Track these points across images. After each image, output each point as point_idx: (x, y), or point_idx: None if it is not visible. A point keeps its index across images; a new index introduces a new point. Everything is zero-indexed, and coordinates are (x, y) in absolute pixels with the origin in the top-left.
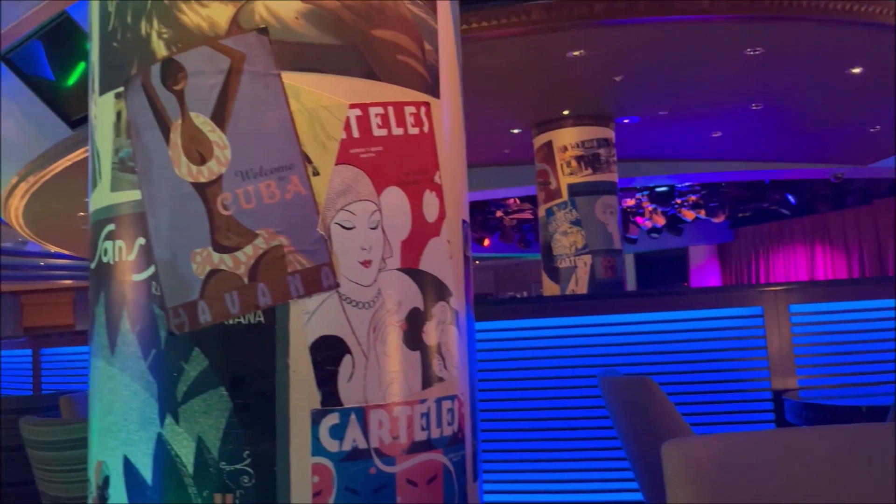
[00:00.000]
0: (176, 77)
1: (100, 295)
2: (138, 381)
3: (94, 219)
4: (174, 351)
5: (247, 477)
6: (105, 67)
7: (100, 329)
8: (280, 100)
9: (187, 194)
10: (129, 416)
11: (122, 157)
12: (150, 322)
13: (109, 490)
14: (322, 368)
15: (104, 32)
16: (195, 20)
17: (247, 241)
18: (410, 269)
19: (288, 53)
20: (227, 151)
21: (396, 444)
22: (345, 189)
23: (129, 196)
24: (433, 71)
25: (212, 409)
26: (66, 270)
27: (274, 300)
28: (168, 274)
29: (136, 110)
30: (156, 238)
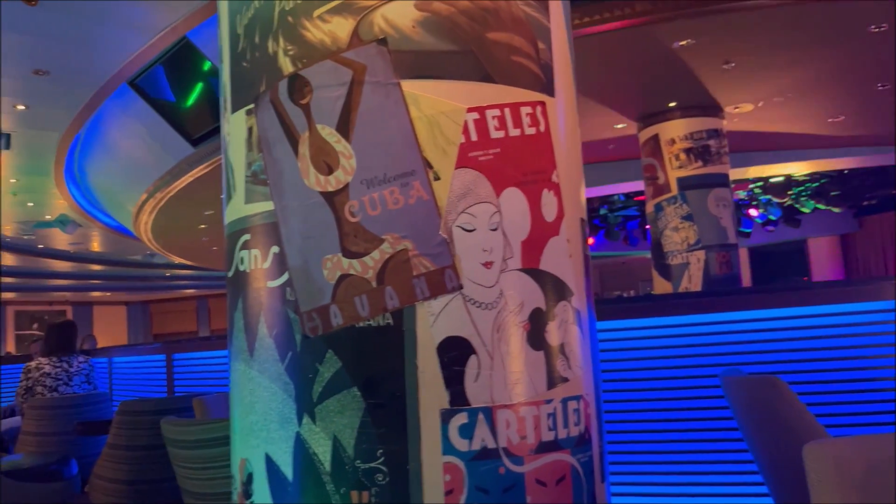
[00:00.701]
0: (302, 91)
1: (238, 301)
2: (276, 382)
3: (229, 230)
4: (309, 353)
5: (381, 475)
6: (236, 86)
7: (238, 334)
8: (400, 108)
9: (317, 203)
10: (269, 415)
11: (255, 170)
12: (285, 326)
13: (253, 486)
14: (449, 369)
15: (234, 53)
16: (318, 35)
17: (374, 247)
18: (531, 270)
19: (406, 62)
20: (353, 161)
21: (524, 444)
22: (465, 192)
23: (262, 207)
24: (547, 70)
25: (346, 409)
26: (189, 280)
27: (401, 303)
28: (301, 280)
29: (266, 125)
30: (288, 246)
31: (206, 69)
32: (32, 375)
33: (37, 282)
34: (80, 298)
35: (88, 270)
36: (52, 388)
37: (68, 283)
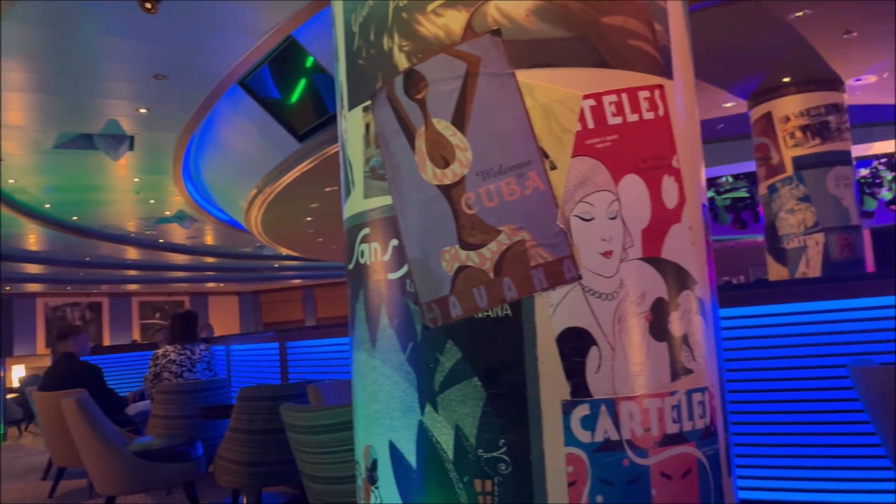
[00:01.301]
0: (417, 86)
1: (359, 293)
2: (398, 371)
3: (349, 224)
4: (429, 344)
5: (503, 464)
6: (352, 84)
7: (360, 324)
8: (515, 98)
9: (434, 196)
10: (392, 404)
11: (373, 165)
12: (406, 317)
13: (377, 472)
14: (569, 360)
15: (349, 52)
16: (432, 30)
17: (491, 238)
18: (652, 259)
19: (520, 51)
20: (468, 153)
21: (648, 436)
22: (582, 181)
23: (380, 202)
24: (665, 52)
25: (467, 399)
26: (296, 271)
27: (519, 293)
28: (420, 272)
29: (383, 121)
30: (407, 239)
31: (309, 65)
32: (160, 362)
33: (158, 274)
34: (197, 289)
35: (203, 263)
36: (177, 374)
37: (186, 276)
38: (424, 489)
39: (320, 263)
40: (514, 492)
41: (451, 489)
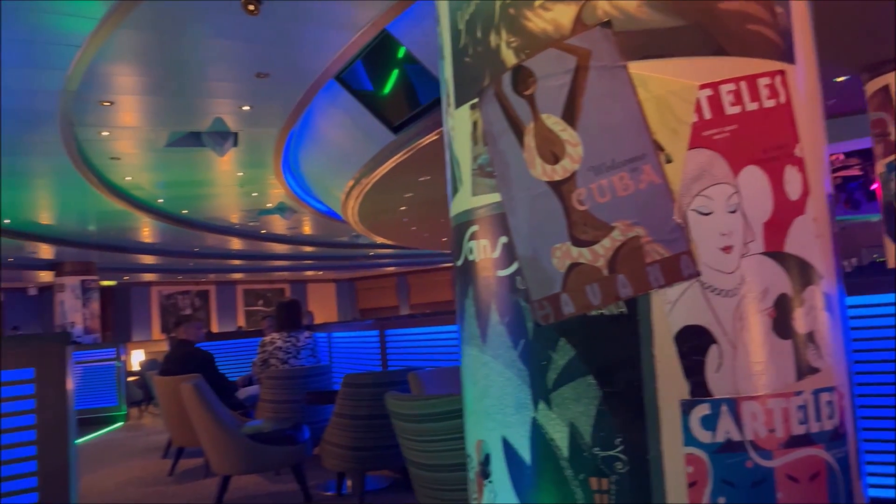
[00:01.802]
0: (526, 82)
1: (468, 289)
2: (510, 368)
3: (456, 221)
4: (541, 341)
5: (620, 463)
6: (459, 82)
7: (470, 320)
8: (627, 91)
9: (544, 193)
10: (504, 400)
11: (481, 163)
12: (516, 314)
13: (490, 467)
14: (688, 358)
15: (456, 50)
16: (540, 25)
17: (604, 234)
18: (775, 253)
19: (632, 43)
20: (579, 148)
21: (772, 437)
22: (700, 174)
23: (488, 199)
24: (786, 35)
25: (581, 397)
26: (390, 258)
27: (634, 291)
28: (531, 269)
29: (491, 119)
30: (517, 236)
31: (401, 56)
32: (267, 349)
33: (260, 263)
34: (296, 277)
35: (302, 252)
36: (283, 360)
37: (286, 264)
38: (539, 485)
39: (413, 251)
40: (631, 491)
41: (567, 486)
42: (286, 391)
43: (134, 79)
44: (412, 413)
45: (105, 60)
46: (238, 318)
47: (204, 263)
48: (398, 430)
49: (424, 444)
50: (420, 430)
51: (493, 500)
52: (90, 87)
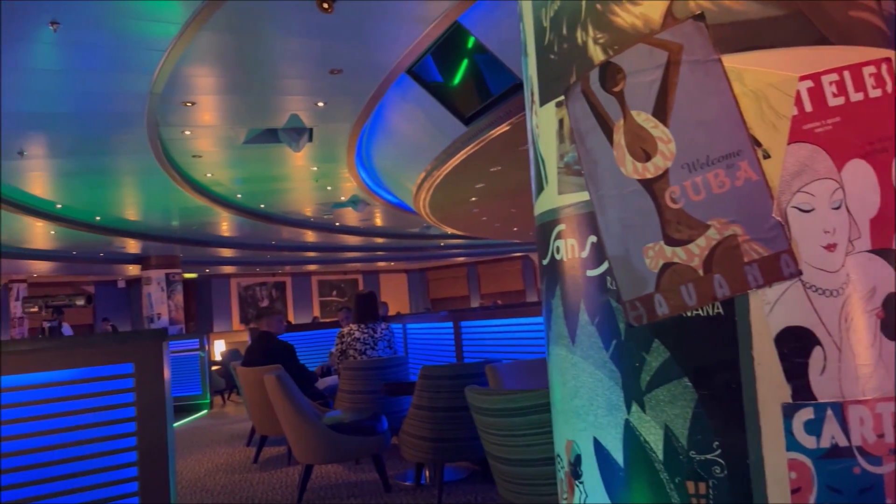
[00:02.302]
0: (615, 79)
1: (555, 289)
2: (601, 369)
3: (541, 219)
4: (634, 342)
5: (718, 467)
6: (544, 79)
7: (557, 320)
8: (722, 85)
9: (635, 191)
10: (596, 401)
11: (568, 161)
12: (607, 314)
13: (581, 468)
14: (790, 361)
15: (540, 47)
16: (629, 20)
17: (699, 233)
18: (883, 250)
19: (727, 35)
20: (672, 145)
21: (882, 443)
22: (800, 169)
23: (576, 198)
24: (891, 21)
25: (677, 399)
26: (461, 249)
27: (732, 291)
28: (622, 269)
29: (578, 116)
30: (607, 236)
31: (471, 46)
32: (345, 340)
33: (333, 255)
34: (368, 268)
35: (374, 243)
36: (360, 351)
37: (358, 255)
38: (633, 488)
39: (484, 241)
40: (730, 495)
41: (662, 490)
42: (364, 382)
43: (213, 79)
44: (493, 407)
45: (187, 63)
46: (313, 309)
47: (280, 256)
48: (479, 424)
49: (505, 439)
50: (501, 424)
51: (584, 500)
52: (174, 89)
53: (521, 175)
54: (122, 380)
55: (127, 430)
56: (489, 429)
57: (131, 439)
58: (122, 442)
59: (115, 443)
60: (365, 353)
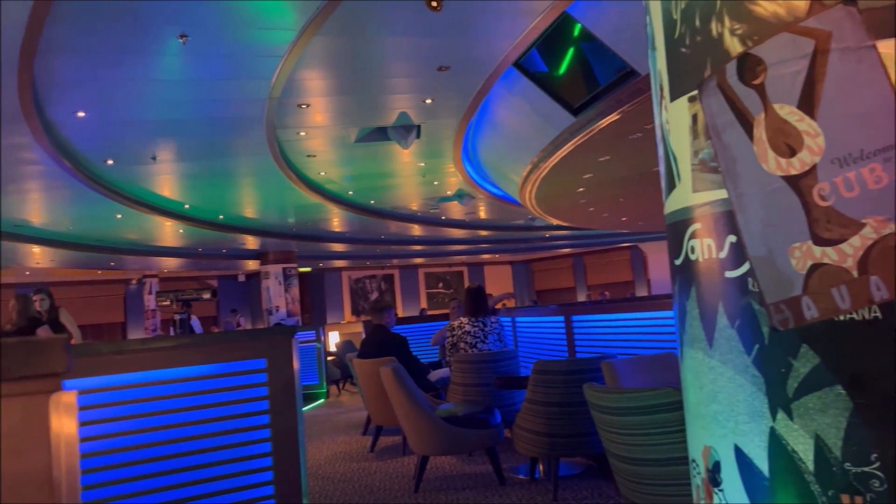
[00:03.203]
0: (754, 71)
1: (689, 290)
2: (742, 374)
3: (674, 218)
4: (779, 347)
5: (877, 481)
6: (674, 74)
7: (692, 322)
8: (878, 73)
9: (778, 189)
10: (736, 407)
11: (703, 158)
12: (749, 317)
13: (721, 475)
14: None
15: (670, 40)
16: (770, 8)
17: (852, 232)
18: None
19: (881, 19)
20: (820, 139)
21: None
22: None
23: (712, 196)
24: None
25: (829, 408)
26: (566, 240)
27: (891, 294)
28: (765, 270)
29: (714, 111)
30: (748, 235)
31: (577, 34)
32: (456, 333)
33: (439, 248)
34: (473, 260)
35: (478, 236)
36: (471, 344)
37: (463, 248)
38: (779, 498)
39: (590, 232)
40: None
41: (813, 502)
42: (475, 375)
43: (326, 81)
44: (614, 406)
45: (302, 67)
46: (420, 301)
47: (388, 249)
48: (598, 421)
49: (626, 437)
50: (622, 423)
51: None
52: (290, 92)
53: (631, 164)
54: (256, 374)
55: (261, 422)
56: (609, 427)
57: (265, 430)
58: (257, 433)
59: (251, 434)
60: (475, 346)
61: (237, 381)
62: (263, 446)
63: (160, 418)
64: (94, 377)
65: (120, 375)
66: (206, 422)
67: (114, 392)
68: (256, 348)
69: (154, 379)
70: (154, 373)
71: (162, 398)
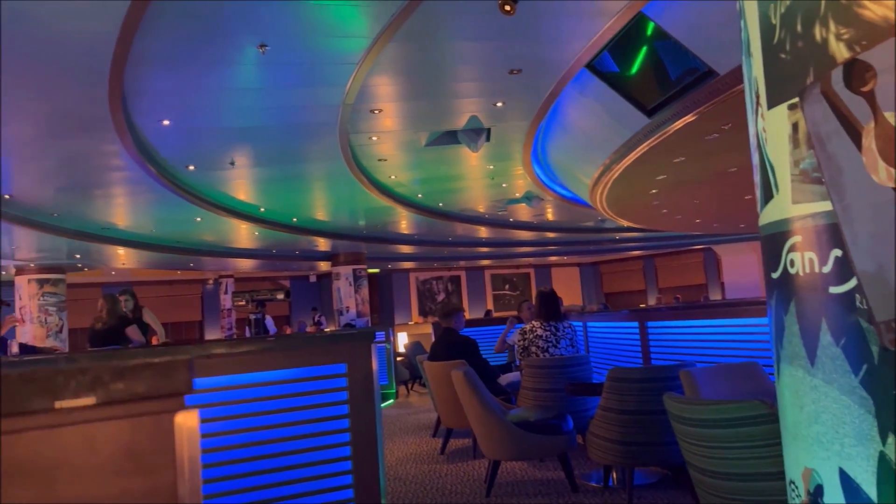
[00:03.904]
0: (863, 78)
1: (788, 305)
2: (848, 395)
3: (771, 230)
4: (891, 367)
5: None
6: (772, 81)
7: (792, 339)
8: None
9: (889, 201)
10: (842, 429)
11: (804, 168)
12: (856, 336)
13: (824, 498)
14: None
15: (767, 46)
16: (880, 12)
17: None
18: None
19: None
20: None
21: None
22: None
23: (814, 207)
24: None
25: None
26: (637, 242)
27: None
28: (875, 287)
29: (818, 119)
30: (855, 249)
31: (652, 34)
32: (528, 337)
33: (506, 250)
34: (540, 262)
35: (546, 238)
36: (543, 349)
37: (530, 250)
38: None
39: (662, 234)
40: None
41: None
42: (547, 380)
43: (397, 87)
44: (696, 417)
45: (375, 73)
46: (487, 302)
47: (455, 251)
48: (679, 433)
49: (709, 450)
50: (705, 435)
51: None
52: (363, 98)
53: (706, 165)
54: (336, 379)
55: (342, 425)
56: (691, 438)
57: (345, 435)
58: (338, 437)
59: (332, 437)
60: (547, 351)
61: (319, 385)
62: (343, 450)
63: (245, 421)
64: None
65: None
66: (290, 425)
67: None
68: (337, 352)
69: (238, 383)
70: (238, 377)
71: (246, 401)
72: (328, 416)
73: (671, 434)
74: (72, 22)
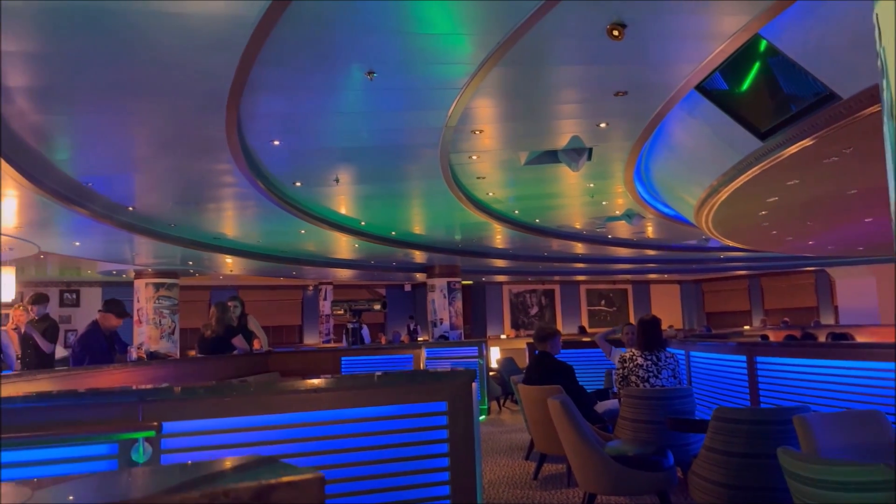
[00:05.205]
0: None
1: None
2: None
3: None
4: None
5: None
6: None
7: None
8: None
9: None
10: None
11: None
12: None
13: None
14: None
15: None
16: None
17: None
18: None
19: None
20: None
21: None
22: None
23: None
24: None
25: None
26: (742, 261)
27: None
28: None
29: None
30: None
31: (766, 55)
32: (627, 365)
33: (603, 266)
34: (638, 279)
35: (645, 255)
36: (643, 378)
37: (628, 267)
38: None
39: (770, 254)
40: None
41: None
42: (647, 411)
43: (500, 109)
44: (816, 478)
45: (478, 97)
46: (581, 318)
47: (550, 266)
48: (794, 490)
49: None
50: (824, 497)
51: None
52: (465, 120)
53: (823, 188)
54: (436, 417)
55: (440, 464)
56: (808, 498)
57: (444, 474)
58: (436, 476)
59: (430, 476)
60: (648, 381)
61: (419, 422)
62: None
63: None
64: (282, 413)
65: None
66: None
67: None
68: (438, 390)
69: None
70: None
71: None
72: (427, 454)
73: (782, 480)
74: (195, 53)
